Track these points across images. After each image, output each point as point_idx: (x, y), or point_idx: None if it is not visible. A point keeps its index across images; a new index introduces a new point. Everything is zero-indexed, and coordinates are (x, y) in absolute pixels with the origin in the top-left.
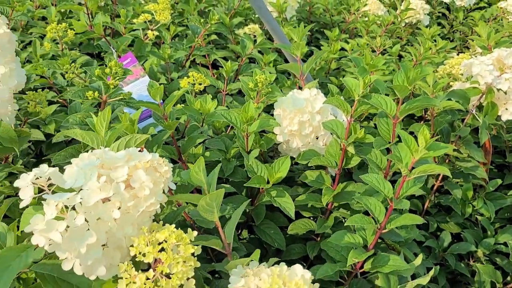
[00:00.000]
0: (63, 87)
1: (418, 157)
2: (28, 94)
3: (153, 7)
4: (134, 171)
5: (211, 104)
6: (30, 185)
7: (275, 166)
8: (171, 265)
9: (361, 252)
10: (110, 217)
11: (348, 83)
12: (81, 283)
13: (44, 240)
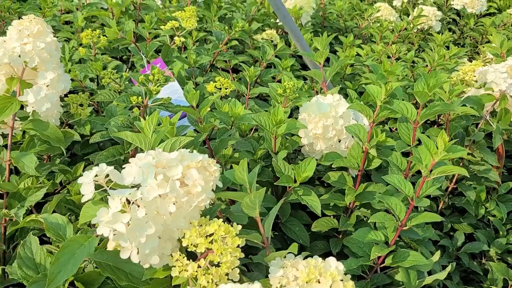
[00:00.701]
0: (93, 90)
1: (437, 159)
2: (70, 97)
3: (180, 14)
4: (187, 170)
5: (240, 108)
6: (91, 182)
7: (302, 166)
8: (221, 255)
9: (383, 248)
10: (166, 211)
11: (371, 90)
12: (134, 271)
13: (108, 231)
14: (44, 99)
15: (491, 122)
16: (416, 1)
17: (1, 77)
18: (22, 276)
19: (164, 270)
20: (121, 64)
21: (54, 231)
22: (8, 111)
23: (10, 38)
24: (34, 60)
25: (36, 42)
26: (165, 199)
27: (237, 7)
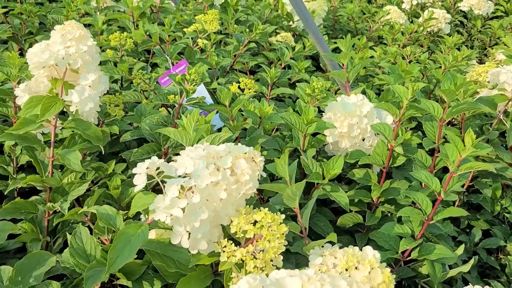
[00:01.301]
0: (117, 91)
1: (465, 155)
2: (106, 97)
3: (203, 17)
4: (235, 160)
5: (268, 107)
6: (143, 173)
7: (330, 164)
8: (269, 241)
9: (410, 241)
10: (217, 198)
11: (398, 90)
12: (181, 259)
13: (165, 216)
14: (88, 99)
15: (504, 121)
16: (424, 4)
17: (43, 79)
18: (75, 264)
19: (210, 257)
20: (145, 66)
21: (105, 221)
22: (52, 110)
23: (54, 42)
24: (77, 62)
25: (79, 45)
26: (216, 186)
27: (252, 10)
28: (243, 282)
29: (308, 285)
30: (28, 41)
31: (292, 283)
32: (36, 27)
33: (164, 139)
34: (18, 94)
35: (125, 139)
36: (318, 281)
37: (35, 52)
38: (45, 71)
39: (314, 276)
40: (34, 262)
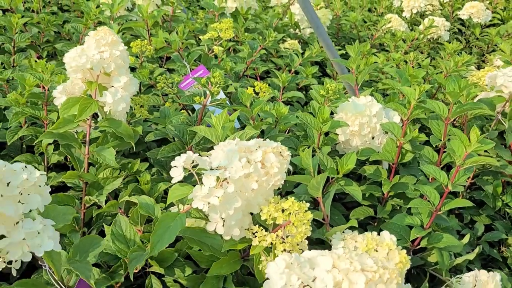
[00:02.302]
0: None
1: (470, 150)
2: (134, 98)
3: (218, 26)
4: (265, 155)
5: (284, 109)
6: (180, 166)
7: (344, 160)
8: (297, 226)
9: (420, 230)
10: (249, 188)
11: (406, 91)
12: (214, 244)
13: (202, 204)
14: (120, 100)
15: (503, 121)
16: (423, 12)
17: (78, 81)
18: (116, 249)
19: (241, 243)
20: (165, 71)
21: (145, 210)
22: (88, 111)
23: (88, 47)
24: (111, 66)
25: (112, 50)
26: (248, 178)
27: (261, 19)
28: (280, 259)
29: (339, 263)
30: (45, 49)
31: (324, 260)
32: (53, 36)
33: (190, 138)
34: (55, 96)
35: (149, 139)
36: (348, 259)
37: (73, 57)
38: (80, 74)
39: (343, 255)
40: (88, 244)
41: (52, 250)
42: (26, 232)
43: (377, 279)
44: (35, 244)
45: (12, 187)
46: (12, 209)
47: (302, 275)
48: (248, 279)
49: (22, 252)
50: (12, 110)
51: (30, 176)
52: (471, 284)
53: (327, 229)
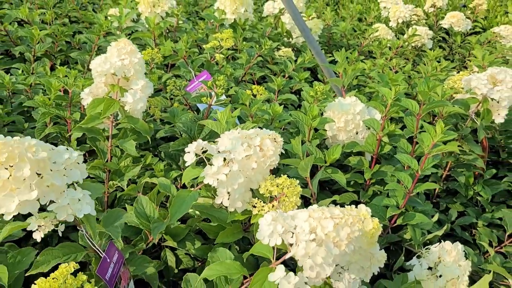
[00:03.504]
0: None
1: (436, 140)
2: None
3: (220, 35)
4: (263, 140)
5: (279, 108)
6: (192, 152)
7: (331, 151)
8: (289, 197)
9: (395, 209)
10: (249, 168)
11: (383, 91)
12: (220, 216)
13: (213, 180)
14: (139, 100)
15: (475, 120)
16: (409, 22)
17: (101, 84)
18: (139, 223)
19: (243, 215)
20: (171, 76)
21: (163, 188)
22: (111, 109)
23: (111, 55)
24: (130, 71)
25: (131, 57)
26: (249, 159)
27: (257, 29)
28: (268, 214)
29: (313, 214)
30: (59, 58)
31: (302, 214)
32: (65, 45)
33: (198, 132)
34: (83, 97)
35: (160, 136)
36: (320, 211)
37: (98, 63)
38: (104, 78)
39: (317, 209)
40: (114, 216)
41: (89, 213)
42: (70, 198)
43: (343, 223)
44: (76, 208)
45: (58, 164)
46: (60, 180)
47: (285, 224)
48: (248, 248)
49: (66, 214)
50: (38, 111)
51: (71, 155)
52: (437, 253)
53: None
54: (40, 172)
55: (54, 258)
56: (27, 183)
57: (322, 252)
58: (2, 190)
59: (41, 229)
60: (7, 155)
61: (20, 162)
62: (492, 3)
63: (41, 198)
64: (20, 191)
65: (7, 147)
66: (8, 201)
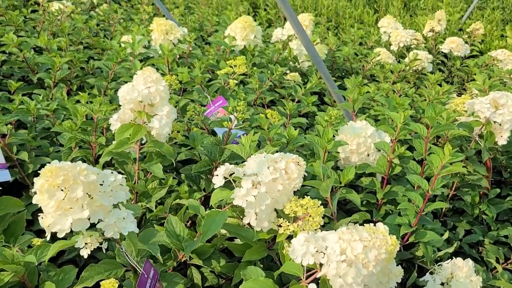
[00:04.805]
0: None
1: (445, 161)
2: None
3: (233, 62)
4: (287, 164)
5: (294, 132)
6: (221, 175)
7: (345, 172)
8: (313, 217)
9: (408, 227)
10: (275, 190)
11: (393, 116)
12: (247, 235)
13: (242, 201)
14: (165, 125)
15: (479, 141)
16: (409, 46)
17: (128, 111)
18: (170, 241)
19: (268, 234)
20: (188, 101)
21: (193, 209)
22: (139, 134)
23: (138, 83)
24: (156, 98)
25: (157, 85)
26: (275, 182)
27: (265, 54)
28: (300, 235)
29: (343, 235)
30: (75, 83)
31: (332, 235)
32: (81, 71)
33: (219, 155)
34: (111, 122)
35: (181, 158)
36: (349, 233)
37: (126, 91)
38: (131, 105)
39: (346, 231)
40: (149, 234)
41: (132, 231)
42: (116, 217)
43: (371, 246)
44: (121, 226)
45: (105, 186)
46: (107, 201)
47: (317, 245)
48: (272, 265)
49: (113, 231)
50: (64, 136)
51: (116, 178)
52: (450, 269)
53: (335, 223)
54: (90, 193)
55: (97, 274)
56: (80, 203)
57: (352, 273)
58: (58, 209)
59: (87, 246)
60: (63, 178)
61: (74, 184)
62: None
63: (91, 217)
64: (74, 211)
65: (62, 171)
66: (63, 220)
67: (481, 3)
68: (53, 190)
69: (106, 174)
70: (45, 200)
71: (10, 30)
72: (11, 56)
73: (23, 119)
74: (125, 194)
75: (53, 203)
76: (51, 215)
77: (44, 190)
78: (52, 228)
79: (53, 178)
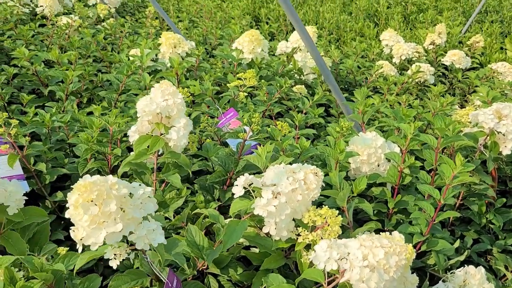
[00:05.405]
0: None
1: (456, 171)
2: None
3: (244, 75)
4: (306, 174)
5: (307, 143)
6: (241, 185)
7: (357, 182)
8: (332, 226)
9: (420, 236)
10: (295, 200)
11: (403, 127)
12: (266, 244)
13: (262, 211)
14: (182, 137)
15: (484, 152)
16: (411, 59)
17: (145, 123)
18: (191, 250)
19: (287, 243)
20: (200, 114)
21: (213, 218)
22: (157, 145)
23: (155, 96)
24: (174, 110)
25: (174, 98)
26: (294, 192)
27: (271, 67)
28: (323, 242)
29: (364, 242)
30: (85, 96)
31: (353, 242)
32: (90, 84)
33: (234, 166)
34: (130, 134)
35: (194, 169)
36: (370, 240)
37: (145, 104)
38: (150, 117)
39: (367, 238)
40: (171, 244)
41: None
42: (147, 229)
43: (392, 252)
44: (151, 238)
45: (135, 198)
46: (138, 213)
47: (340, 251)
48: (288, 273)
49: (144, 243)
50: (79, 147)
51: (145, 190)
52: (462, 277)
53: (351, 232)
54: (122, 207)
55: (124, 283)
56: (113, 217)
57: (375, 278)
58: (92, 223)
59: (117, 257)
60: (97, 193)
61: (107, 198)
62: (489, 40)
63: (124, 229)
64: (107, 224)
65: (96, 186)
66: (96, 233)
67: (480, 16)
68: (87, 205)
69: (134, 186)
70: (79, 215)
71: (20, 44)
72: (22, 69)
73: (38, 131)
74: (154, 205)
75: (87, 217)
76: (84, 228)
77: (79, 205)
78: (85, 241)
79: (87, 193)
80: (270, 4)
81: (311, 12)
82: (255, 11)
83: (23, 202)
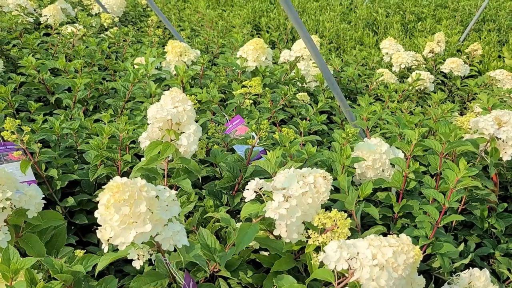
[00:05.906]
0: None
1: (460, 176)
2: None
3: (249, 83)
4: (315, 178)
5: (313, 148)
6: (252, 189)
7: (363, 187)
8: (341, 228)
9: (426, 239)
10: (305, 203)
11: (408, 133)
12: (276, 246)
13: (274, 214)
14: (193, 143)
15: (485, 157)
16: (410, 67)
17: (155, 129)
18: (202, 253)
19: (296, 245)
20: (206, 120)
21: (225, 222)
22: (168, 151)
23: (166, 103)
24: (184, 117)
25: (184, 105)
26: (305, 195)
27: (275, 75)
28: (333, 242)
29: (373, 242)
30: (91, 103)
31: (361, 242)
32: (96, 92)
33: (243, 171)
34: (141, 140)
35: (203, 175)
36: (378, 240)
37: (156, 111)
38: (160, 123)
39: (375, 238)
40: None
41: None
42: (172, 230)
43: (400, 251)
44: (176, 239)
45: (161, 201)
46: (166, 215)
47: (350, 251)
48: (297, 275)
49: (169, 244)
50: (89, 153)
51: (170, 193)
52: (467, 279)
53: (359, 235)
54: (150, 208)
55: (144, 284)
56: (142, 218)
57: (385, 276)
58: (122, 223)
59: (140, 258)
60: (129, 193)
61: (138, 199)
62: (487, 48)
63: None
64: (137, 225)
65: (127, 187)
66: (126, 233)
67: (477, 25)
68: (119, 205)
69: (160, 189)
70: (110, 214)
71: (27, 53)
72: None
73: (48, 138)
74: (178, 208)
75: (117, 217)
76: (113, 228)
77: (111, 205)
78: (114, 241)
79: (120, 193)
80: (271, 13)
81: (311, 21)
82: (256, 20)
83: (42, 205)
